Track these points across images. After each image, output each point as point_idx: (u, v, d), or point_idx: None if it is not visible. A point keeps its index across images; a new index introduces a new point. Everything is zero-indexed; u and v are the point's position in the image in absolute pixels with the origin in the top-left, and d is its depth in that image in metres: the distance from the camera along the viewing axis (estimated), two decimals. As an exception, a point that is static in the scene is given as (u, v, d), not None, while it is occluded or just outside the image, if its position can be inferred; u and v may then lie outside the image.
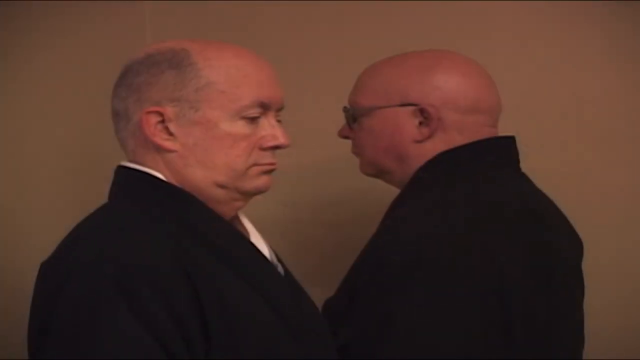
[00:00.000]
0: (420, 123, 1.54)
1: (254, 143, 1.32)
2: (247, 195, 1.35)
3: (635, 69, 1.94)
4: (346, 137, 1.64)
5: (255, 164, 1.32)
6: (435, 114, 1.52)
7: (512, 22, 2.01)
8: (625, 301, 1.95)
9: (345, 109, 1.63)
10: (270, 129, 1.33)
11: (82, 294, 1.16)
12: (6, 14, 1.75)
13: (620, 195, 1.95)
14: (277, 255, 1.41)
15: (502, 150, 1.57)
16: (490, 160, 1.54)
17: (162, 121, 1.29)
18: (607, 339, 1.85)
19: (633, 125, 1.95)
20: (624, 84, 1.95)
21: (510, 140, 1.59)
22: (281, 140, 1.34)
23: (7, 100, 1.79)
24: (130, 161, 1.34)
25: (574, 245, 1.61)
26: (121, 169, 1.34)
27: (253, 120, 1.31)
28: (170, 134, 1.29)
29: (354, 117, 1.60)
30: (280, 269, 1.37)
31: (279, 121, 1.36)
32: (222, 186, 1.31)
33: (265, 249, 1.37)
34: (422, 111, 1.53)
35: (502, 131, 1.59)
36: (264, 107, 1.32)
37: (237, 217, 1.39)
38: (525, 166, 1.60)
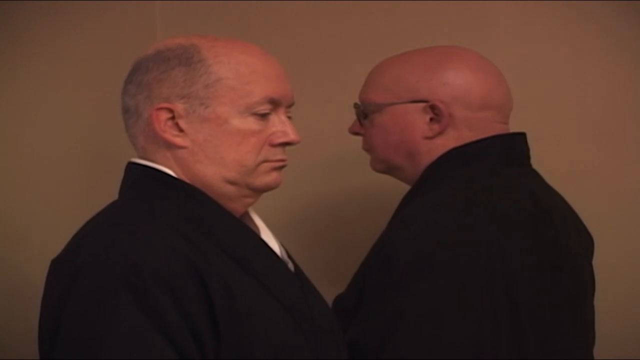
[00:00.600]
0: (431, 119, 1.53)
1: (264, 139, 1.31)
2: (257, 191, 1.35)
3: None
4: (357, 134, 1.64)
5: (265, 161, 1.32)
6: (446, 110, 1.52)
7: (520, 22, 2.00)
8: (636, 300, 1.94)
9: (356, 105, 1.63)
10: (280, 125, 1.33)
11: (91, 291, 1.16)
12: (14, 12, 1.75)
13: (630, 193, 1.95)
14: (287, 252, 1.41)
15: (513, 146, 1.56)
16: (501, 157, 1.53)
17: (172, 117, 1.29)
18: (618, 338, 1.85)
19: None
20: (634, 82, 1.94)
21: (521, 137, 1.58)
22: (291, 136, 1.33)
23: (15, 99, 1.79)
24: (141, 158, 1.34)
25: (584, 242, 1.60)
26: (131, 166, 1.34)
27: (263, 116, 1.31)
28: (181, 130, 1.29)
29: (364, 113, 1.60)
30: (290, 265, 1.37)
31: (289, 117, 1.36)
32: (232, 182, 1.31)
33: (275, 246, 1.36)
34: (432, 107, 1.53)
35: (512, 129, 1.59)
36: (274, 103, 1.32)
37: (247, 214, 1.39)
38: (535, 163, 1.59)
